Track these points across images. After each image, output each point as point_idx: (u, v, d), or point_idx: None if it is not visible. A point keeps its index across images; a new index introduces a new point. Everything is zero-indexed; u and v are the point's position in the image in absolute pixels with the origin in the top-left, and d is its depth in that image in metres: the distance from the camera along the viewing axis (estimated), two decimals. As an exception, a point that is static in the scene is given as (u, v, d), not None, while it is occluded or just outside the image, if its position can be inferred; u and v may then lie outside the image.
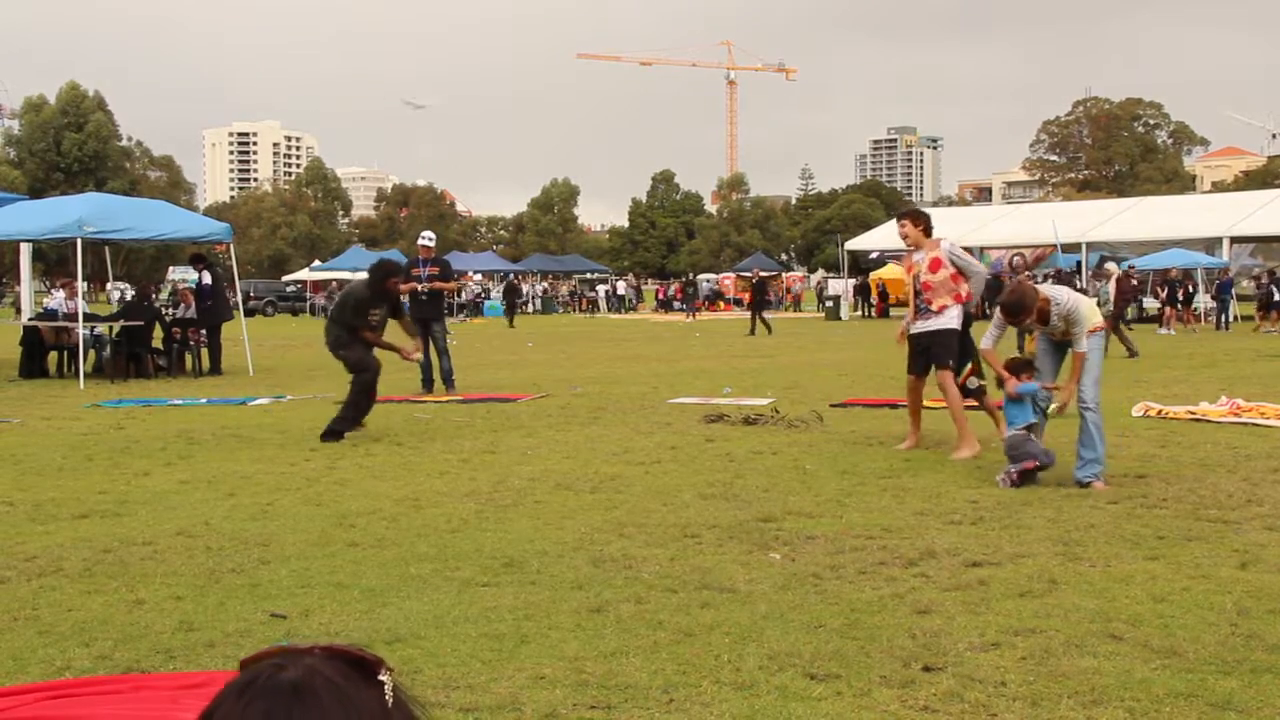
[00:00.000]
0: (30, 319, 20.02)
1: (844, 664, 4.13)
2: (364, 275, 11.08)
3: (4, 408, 13.31)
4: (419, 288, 14.87)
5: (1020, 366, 8.01)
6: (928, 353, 9.17)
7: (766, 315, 32.56)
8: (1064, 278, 39.59)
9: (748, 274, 68.79)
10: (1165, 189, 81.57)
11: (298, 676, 1.10)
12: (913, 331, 9.28)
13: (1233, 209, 40.82)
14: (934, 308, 9.09)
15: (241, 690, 1.10)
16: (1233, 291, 33.04)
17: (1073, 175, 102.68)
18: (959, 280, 9.13)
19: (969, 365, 9.24)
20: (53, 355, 18.46)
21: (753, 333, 30.78)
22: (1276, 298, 30.64)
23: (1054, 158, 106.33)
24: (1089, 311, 7.80)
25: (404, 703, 1.16)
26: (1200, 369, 17.66)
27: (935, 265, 9.08)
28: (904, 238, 9.29)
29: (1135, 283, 33.97)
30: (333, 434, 10.19)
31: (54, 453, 9.65)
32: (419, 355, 10.98)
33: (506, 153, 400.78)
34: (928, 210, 9.71)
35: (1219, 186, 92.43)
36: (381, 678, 1.17)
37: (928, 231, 9.28)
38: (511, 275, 56.09)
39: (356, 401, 10.53)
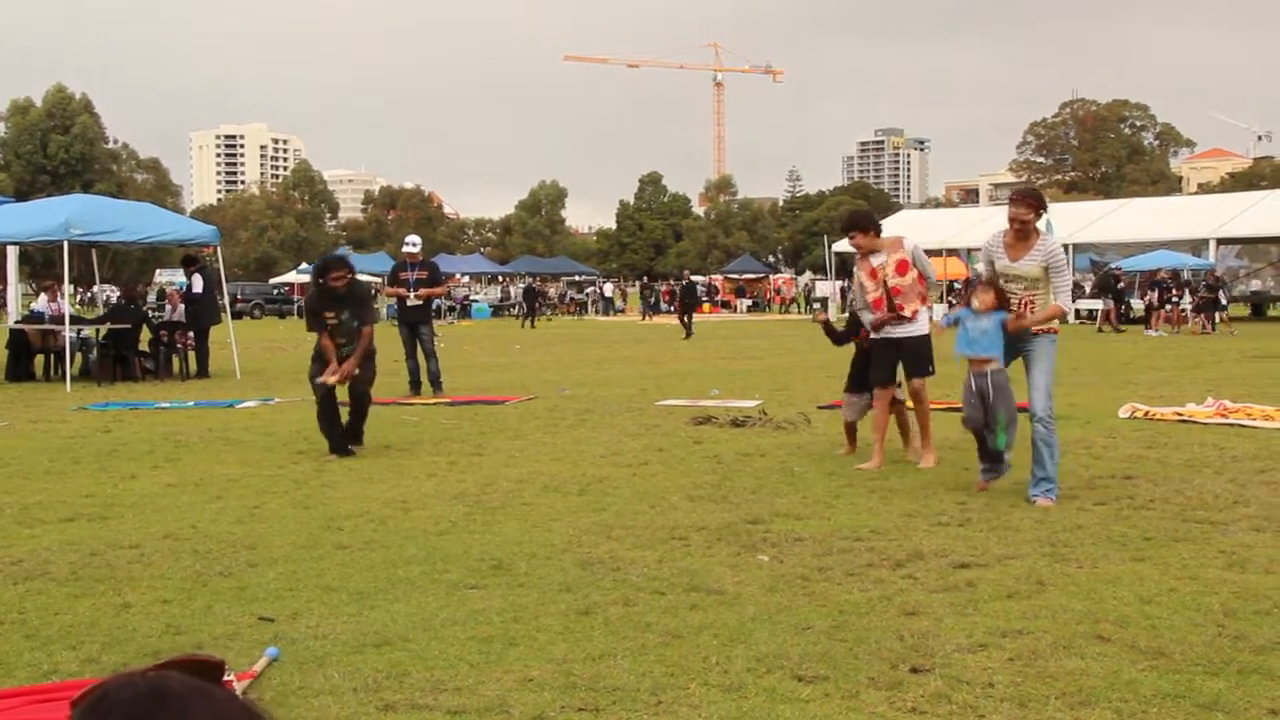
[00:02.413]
0: (16, 322, 19.94)
1: (832, 666, 4.13)
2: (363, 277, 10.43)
3: (-10, 411, 13.25)
4: (409, 297, 14.86)
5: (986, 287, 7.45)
6: (894, 361, 8.62)
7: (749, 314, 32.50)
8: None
9: (735, 275, 69.10)
10: (1152, 190, 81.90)
11: (151, 682, 1.07)
12: (879, 337, 8.62)
13: (1219, 210, 40.95)
14: (906, 313, 8.49)
15: (94, 705, 1.06)
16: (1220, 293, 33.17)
17: (1059, 177, 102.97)
18: (923, 282, 8.63)
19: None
20: (39, 358, 18.39)
21: (686, 336, 30.43)
22: (1223, 300, 31.24)
23: (1041, 159, 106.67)
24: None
25: (250, 700, 1.15)
26: (1187, 370, 17.72)
27: (903, 268, 8.51)
28: (858, 248, 8.62)
29: (1121, 285, 34.15)
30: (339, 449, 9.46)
31: (40, 456, 9.61)
32: (331, 379, 9.40)
33: (494, 155, 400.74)
34: (911, 211, 9.35)
35: (1205, 188, 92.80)
36: (227, 676, 1.16)
37: (879, 233, 8.70)
38: (534, 279, 56.00)
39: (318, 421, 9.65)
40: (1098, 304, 36.00)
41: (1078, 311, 37.38)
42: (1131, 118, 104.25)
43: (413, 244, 15.49)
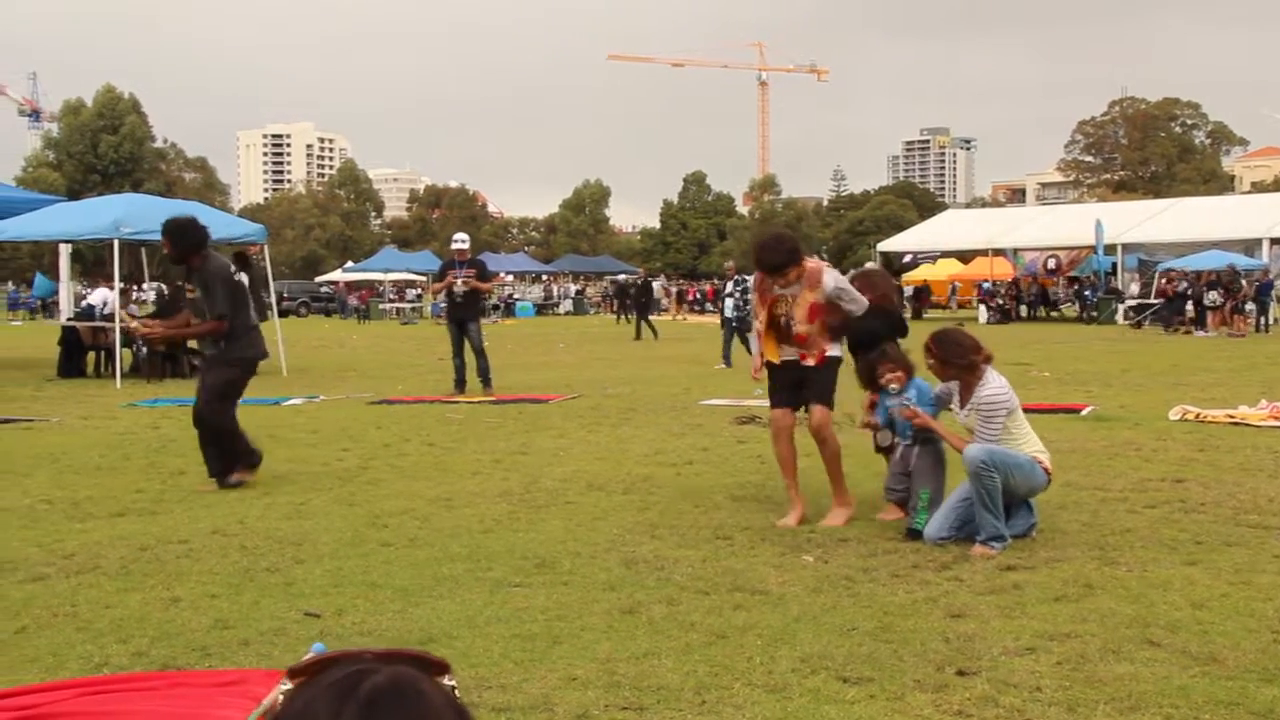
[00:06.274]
0: (69, 319, 20.23)
1: (877, 667, 4.11)
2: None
3: (42, 407, 13.45)
4: (456, 286, 14.86)
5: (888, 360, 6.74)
6: (799, 386, 6.95)
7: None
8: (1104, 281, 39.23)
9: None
10: (1203, 189, 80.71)
11: (390, 678, 1.03)
12: (781, 359, 6.98)
13: (1272, 209, 40.26)
14: (809, 363, 6.89)
15: (338, 699, 1.02)
16: (1272, 293, 32.61)
17: (1108, 176, 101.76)
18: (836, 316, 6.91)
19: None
20: (90, 355, 18.65)
21: (638, 337, 29.72)
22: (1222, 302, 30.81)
23: (1089, 158, 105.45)
24: (1028, 440, 6.22)
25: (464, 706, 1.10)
26: (1240, 372, 17.47)
27: (813, 314, 6.77)
28: (785, 285, 6.77)
29: (1169, 284, 33.69)
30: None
31: (91, 451, 9.74)
32: (134, 324, 7.36)
33: (538, 154, 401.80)
34: (957, 210, 7.95)
35: (1259, 187, 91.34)
36: (449, 681, 1.10)
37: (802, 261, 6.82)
38: (622, 278, 55.91)
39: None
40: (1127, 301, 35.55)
41: (1125, 313, 36.92)
42: (1182, 116, 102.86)
43: (461, 241, 15.50)
